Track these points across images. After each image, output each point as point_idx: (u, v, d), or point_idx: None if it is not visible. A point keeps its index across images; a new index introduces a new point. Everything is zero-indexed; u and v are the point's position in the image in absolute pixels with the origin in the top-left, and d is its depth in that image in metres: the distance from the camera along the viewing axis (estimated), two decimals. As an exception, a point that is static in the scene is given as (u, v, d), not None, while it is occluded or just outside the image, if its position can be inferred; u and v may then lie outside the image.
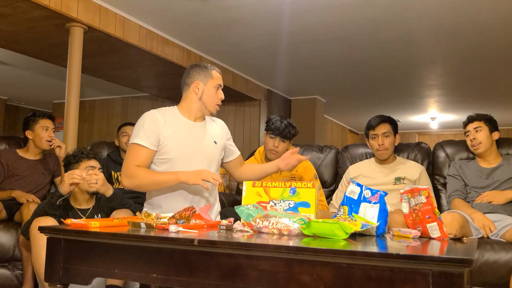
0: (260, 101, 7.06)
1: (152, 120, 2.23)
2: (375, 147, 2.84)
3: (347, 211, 1.77)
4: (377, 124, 2.83)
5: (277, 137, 2.75)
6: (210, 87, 2.29)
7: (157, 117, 2.24)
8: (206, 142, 2.32)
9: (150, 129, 2.20)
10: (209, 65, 2.34)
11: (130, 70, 5.68)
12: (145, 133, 2.20)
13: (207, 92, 2.28)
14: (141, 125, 2.23)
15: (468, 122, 2.83)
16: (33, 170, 3.06)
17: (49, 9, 3.66)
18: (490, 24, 4.44)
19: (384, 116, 2.89)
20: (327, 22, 4.50)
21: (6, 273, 2.75)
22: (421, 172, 2.80)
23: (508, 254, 2.28)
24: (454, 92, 7.53)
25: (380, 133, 2.81)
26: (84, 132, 8.26)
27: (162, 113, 2.28)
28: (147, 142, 2.19)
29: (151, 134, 2.20)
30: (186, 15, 4.43)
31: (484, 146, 2.74)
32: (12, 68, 6.57)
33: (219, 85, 2.32)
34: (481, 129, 2.76)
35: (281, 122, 2.75)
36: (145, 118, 2.25)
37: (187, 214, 1.76)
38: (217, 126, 2.45)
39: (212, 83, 2.29)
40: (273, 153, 2.77)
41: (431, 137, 11.20)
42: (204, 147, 2.30)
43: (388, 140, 2.80)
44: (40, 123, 3.10)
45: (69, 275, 1.57)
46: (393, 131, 2.83)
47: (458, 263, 1.13)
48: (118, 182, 3.21)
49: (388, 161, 2.89)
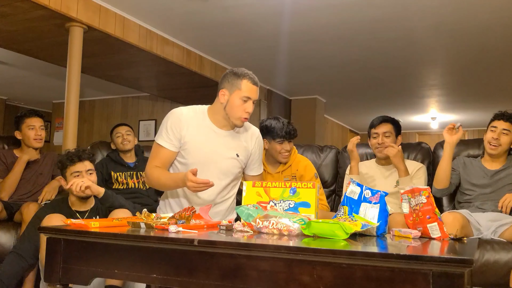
0: (260, 101, 7.06)
1: (175, 121, 2.17)
2: (374, 145, 2.81)
3: (347, 211, 1.76)
4: (379, 123, 2.80)
5: (285, 141, 2.74)
6: (235, 97, 2.11)
7: (181, 118, 2.17)
8: (227, 154, 2.21)
9: (171, 130, 2.16)
10: (244, 72, 2.14)
11: (130, 70, 5.68)
12: (167, 134, 2.16)
13: (231, 102, 2.12)
14: (165, 124, 2.19)
15: (501, 119, 2.64)
16: (30, 170, 3.05)
17: (49, 9, 3.66)
18: (490, 24, 4.43)
19: (388, 116, 2.86)
20: (327, 22, 4.50)
21: (6, 273, 2.74)
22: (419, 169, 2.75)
23: (508, 254, 2.27)
24: (454, 92, 7.53)
25: (381, 132, 2.77)
26: (84, 132, 8.26)
27: (188, 114, 2.19)
28: (168, 143, 2.16)
29: (172, 135, 2.16)
30: (186, 15, 4.43)
31: (501, 150, 2.64)
32: (12, 68, 6.57)
33: (247, 98, 2.12)
34: (508, 133, 2.61)
35: (284, 125, 2.70)
36: (169, 117, 2.20)
37: (187, 214, 1.76)
38: (248, 137, 2.31)
39: (238, 94, 2.11)
40: (284, 157, 2.77)
41: (432, 137, 11.17)
42: (222, 158, 2.20)
43: (388, 140, 2.76)
44: (26, 122, 3.08)
45: (69, 275, 1.57)
46: (394, 132, 2.80)
47: (458, 263, 1.13)
48: (118, 182, 3.21)
49: (389, 162, 2.85)
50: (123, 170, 3.24)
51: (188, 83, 6.13)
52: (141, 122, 8.00)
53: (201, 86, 6.23)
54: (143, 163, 3.33)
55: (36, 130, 3.08)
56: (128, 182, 3.21)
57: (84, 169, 2.45)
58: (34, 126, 3.08)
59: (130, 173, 3.24)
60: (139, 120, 8.01)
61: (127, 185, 3.20)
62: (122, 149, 3.29)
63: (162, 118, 2.30)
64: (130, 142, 3.31)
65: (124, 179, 3.21)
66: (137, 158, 3.36)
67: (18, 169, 2.95)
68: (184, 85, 6.30)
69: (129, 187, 3.20)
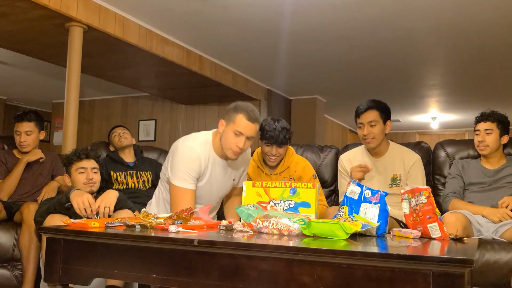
0: (260, 101, 7.05)
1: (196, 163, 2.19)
2: (361, 136, 2.61)
3: (347, 211, 1.76)
4: (363, 112, 2.57)
5: (273, 145, 2.68)
6: (229, 130, 2.17)
7: (200, 158, 2.20)
8: (226, 182, 2.34)
9: (194, 172, 2.18)
10: (243, 108, 2.17)
11: (130, 70, 5.67)
12: (189, 175, 2.17)
13: (225, 134, 2.18)
14: (182, 164, 2.17)
15: (481, 120, 2.71)
16: (30, 170, 3.04)
17: (49, 9, 3.65)
18: (490, 24, 4.43)
19: (372, 102, 2.60)
20: (327, 22, 4.50)
21: (6, 273, 2.74)
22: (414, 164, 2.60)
23: (508, 254, 2.27)
24: (454, 92, 7.53)
25: (365, 121, 2.56)
26: (83, 132, 8.25)
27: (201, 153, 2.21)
28: (193, 185, 2.19)
29: (194, 174, 2.19)
30: (186, 15, 4.43)
31: (490, 149, 2.67)
32: (12, 68, 6.56)
33: (239, 132, 2.15)
34: (491, 132, 2.66)
35: (275, 129, 2.59)
36: (188, 157, 2.19)
37: (184, 215, 1.75)
38: (242, 162, 2.41)
39: (232, 127, 2.16)
40: (271, 160, 2.72)
41: (432, 137, 11.18)
42: (224, 186, 2.34)
43: (375, 129, 2.55)
44: (15, 126, 3.05)
45: (69, 275, 1.56)
46: (381, 118, 2.56)
47: (458, 263, 1.13)
48: (117, 182, 3.21)
49: (381, 151, 2.66)
50: (123, 170, 3.25)
51: (188, 83, 6.13)
52: (141, 122, 7.99)
53: (201, 86, 6.22)
54: (142, 163, 3.35)
55: (21, 135, 3.00)
56: (128, 182, 3.21)
57: (90, 166, 2.51)
58: (19, 132, 3.01)
59: (129, 172, 3.25)
60: (139, 120, 8.01)
61: (126, 185, 3.20)
62: (120, 146, 3.32)
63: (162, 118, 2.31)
64: (127, 139, 3.35)
65: (124, 179, 3.21)
66: (136, 157, 3.38)
67: (18, 170, 2.95)
68: (184, 85, 6.30)
69: (128, 187, 3.20)
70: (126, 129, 3.44)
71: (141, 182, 3.24)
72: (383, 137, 2.63)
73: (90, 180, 2.47)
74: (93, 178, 2.49)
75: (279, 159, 2.74)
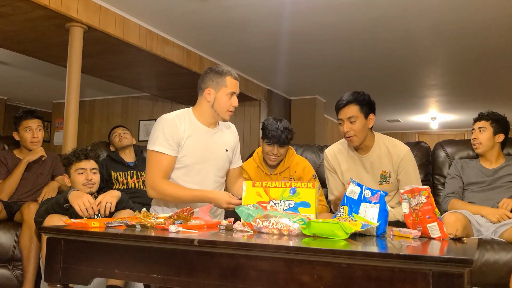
0: (260, 101, 7.06)
1: (171, 125, 2.18)
2: (342, 134, 2.42)
3: (347, 211, 1.76)
4: (341, 108, 2.38)
5: (275, 144, 2.71)
6: (222, 94, 2.22)
7: (176, 121, 2.20)
8: (219, 150, 2.30)
9: (170, 135, 2.16)
10: (225, 70, 2.24)
11: (130, 70, 5.68)
12: (166, 139, 2.16)
13: (219, 99, 2.22)
14: (160, 130, 2.17)
15: (477, 120, 2.79)
16: (30, 170, 3.05)
17: (49, 9, 3.66)
18: (490, 24, 4.44)
19: (351, 95, 2.38)
20: (327, 22, 4.50)
21: (6, 273, 2.74)
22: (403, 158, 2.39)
23: (508, 254, 2.27)
24: (454, 92, 7.53)
25: (345, 118, 2.37)
26: (84, 132, 8.26)
27: (179, 118, 2.23)
28: (169, 149, 2.16)
29: (171, 140, 2.16)
30: (186, 15, 4.43)
31: (484, 147, 2.71)
32: (12, 68, 6.56)
33: (233, 93, 2.23)
34: (484, 130, 2.72)
35: (277, 129, 2.64)
36: (163, 123, 2.20)
37: (185, 215, 1.76)
38: (229, 132, 2.42)
39: (225, 90, 2.21)
40: (272, 159, 2.74)
41: (431, 137, 11.18)
42: (216, 155, 2.29)
43: (355, 126, 2.34)
44: (22, 124, 3.06)
45: (69, 275, 1.57)
46: (362, 113, 2.35)
47: (458, 263, 1.13)
48: (118, 182, 3.21)
49: (366, 146, 2.45)
50: (123, 170, 3.25)
51: (188, 83, 6.13)
52: (141, 122, 8.00)
53: (201, 86, 6.21)
54: (142, 163, 3.35)
55: (33, 131, 3.05)
56: (128, 181, 3.22)
57: (89, 167, 2.52)
58: (30, 128, 3.05)
59: (130, 172, 3.25)
60: (139, 120, 8.02)
61: (127, 184, 3.21)
62: (121, 145, 3.32)
63: (162, 118, 2.29)
64: (128, 139, 3.36)
65: (124, 179, 3.21)
66: (136, 157, 3.39)
67: (18, 171, 2.95)
68: (184, 85, 6.30)
69: (129, 186, 3.20)
70: (126, 129, 3.45)
71: (142, 182, 3.24)
72: (367, 133, 2.41)
73: (89, 181, 2.48)
74: (92, 179, 2.50)
75: (279, 159, 2.75)
